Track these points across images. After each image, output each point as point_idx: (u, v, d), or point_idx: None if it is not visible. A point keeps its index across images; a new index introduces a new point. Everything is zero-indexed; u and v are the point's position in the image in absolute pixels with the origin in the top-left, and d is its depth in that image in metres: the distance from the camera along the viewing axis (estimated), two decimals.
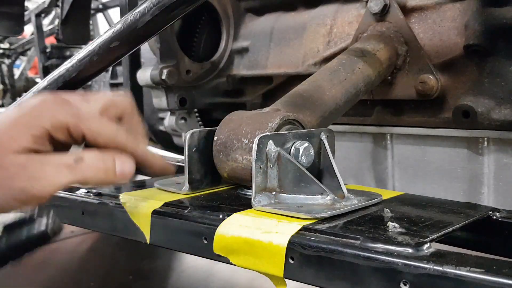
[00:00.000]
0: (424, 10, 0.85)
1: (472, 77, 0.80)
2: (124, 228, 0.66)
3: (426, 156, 0.87)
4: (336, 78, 0.77)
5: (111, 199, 0.68)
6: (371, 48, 0.83)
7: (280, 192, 0.60)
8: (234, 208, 0.60)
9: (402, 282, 0.43)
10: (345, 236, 0.49)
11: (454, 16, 0.82)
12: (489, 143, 0.80)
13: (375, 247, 0.46)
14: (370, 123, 0.93)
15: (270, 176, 0.60)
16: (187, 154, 0.67)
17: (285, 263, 0.50)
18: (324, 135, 0.65)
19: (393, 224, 0.52)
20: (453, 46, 0.81)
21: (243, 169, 0.64)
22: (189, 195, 0.67)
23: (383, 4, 0.85)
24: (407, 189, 0.87)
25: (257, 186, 0.59)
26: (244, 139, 0.64)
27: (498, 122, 0.77)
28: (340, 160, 0.77)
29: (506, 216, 0.60)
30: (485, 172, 0.80)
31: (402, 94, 0.86)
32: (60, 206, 0.76)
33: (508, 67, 0.76)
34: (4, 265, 0.62)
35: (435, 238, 0.49)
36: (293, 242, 0.50)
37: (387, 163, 0.92)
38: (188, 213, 0.60)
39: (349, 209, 0.57)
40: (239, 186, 0.71)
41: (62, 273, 1.61)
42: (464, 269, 0.41)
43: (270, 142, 0.59)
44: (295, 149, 0.62)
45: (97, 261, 1.73)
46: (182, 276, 1.59)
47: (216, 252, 0.56)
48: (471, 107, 0.78)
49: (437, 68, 0.82)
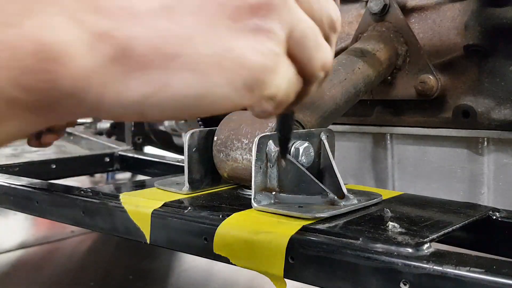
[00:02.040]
0: (424, 10, 0.85)
1: (472, 77, 0.80)
2: (124, 228, 0.66)
3: (426, 156, 0.87)
4: (336, 78, 0.77)
5: (111, 199, 0.68)
6: (371, 48, 0.83)
7: (280, 192, 0.60)
8: (234, 208, 0.60)
9: (402, 282, 0.43)
10: (345, 236, 0.49)
11: (454, 16, 0.82)
12: (489, 143, 0.80)
13: (375, 247, 0.46)
14: (370, 123, 0.93)
15: (270, 176, 0.60)
16: (187, 154, 0.67)
17: (285, 263, 0.50)
18: (324, 135, 0.65)
19: (393, 224, 0.52)
20: (453, 46, 0.81)
21: (243, 169, 0.64)
22: (189, 195, 0.67)
23: (383, 4, 0.85)
24: (407, 189, 0.87)
25: (257, 186, 0.59)
26: (244, 139, 0.64)
27: (498, 122, 0.77)
28: (340, 160, 0.77)
29: (506, 216, 0.60)
30: (485, 172, 0.80)
31: (402, 94, 0.86)
32: (60, 206, 0.76)
33: (508, 67, 0.76)
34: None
35: (435, 238, 0.50)
36: (293, 242, 0.50)
37: (387, 163, 0.92)
38: (188, 213, 0.60)
39: (349, 209, 0.57)
40: (239, 186, 0.71)
41: (62, 273, 1.61)
42: (464, 269, 0.41)
43: (270, 142, 0.59)
44: (295, 149, 0.62)
45: (97, 261, 1.73)
46: (182, 276, 1.59)
47: (216, 252, 0.56)
48: (471, 107, 0.78)
49: (437, 68, 0.82)
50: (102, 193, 0.71)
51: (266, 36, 0.28)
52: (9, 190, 0.85)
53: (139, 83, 0.25)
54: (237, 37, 0.27)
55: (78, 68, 0.23)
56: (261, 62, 0.28)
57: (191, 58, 0.26)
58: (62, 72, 0.23)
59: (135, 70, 0.25)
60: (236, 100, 0.28)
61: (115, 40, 0.24)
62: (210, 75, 0.26)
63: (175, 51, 0.25)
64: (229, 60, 0.27)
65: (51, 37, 0.22)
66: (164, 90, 0.26)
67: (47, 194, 0.78)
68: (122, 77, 0.25)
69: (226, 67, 0.27)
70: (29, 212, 0.82)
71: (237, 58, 0.27)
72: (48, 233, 1.88)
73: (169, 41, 0.25)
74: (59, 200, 0.75)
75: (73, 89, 0.23)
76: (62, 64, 0.23)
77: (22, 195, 0.83)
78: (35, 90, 0.22)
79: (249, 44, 0.27)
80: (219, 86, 0.27)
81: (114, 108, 0.25)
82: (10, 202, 0.86)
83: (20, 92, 0.22)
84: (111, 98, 0.25)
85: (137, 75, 0.25)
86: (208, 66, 0.26)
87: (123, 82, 0.25)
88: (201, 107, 0.27)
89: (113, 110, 0.26)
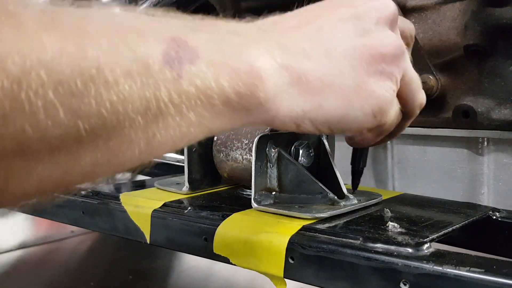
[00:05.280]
0: (424, 10, 0.85)
1: (472, 77, 0.80)
2: (124, 228, 0.66)
3: (426, 156, 0.87)
4: None
5: (111, 199, 0.68)
6: None
7: (280, 192, 0.60)
8: (234, 208, 0.60)
9: (402, 282, 0.43)
10: (345, 236, 0.49)
11: (454, 16, 0.82)
12: (489, 143, 0.80)
13: (375, 247, 0.46)
14: None
15: (270, 176, 0.60)
16: (187, 154, 0.67)
17: (285, 263, 0.50)
18: (324, 135, 0.65)
19: (393, 224, 0.52)
20: (453, 46, 0.81)
21: (243, 169, 0.64)
22: (189, 195, 0.67)
23: None
24: (407, 189, 0.87)
25: (257, 186, 0.59)
26: (244, 139, 0.64)
27: (498, 122, 0.77)
28: (340, 160, 0.77)
29: (506, 216, 0.60)
30: (485, 172, 0.80)
31: None
32: (60, 206, 0.76)
33: (508, 67, 0.76)
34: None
35: (435, 238, 0.49)
36: (293, 242, 0.50)
37: (387, 163, 0.92)
38: (188, 213, 0.60)
39: (349, 209, 0.57)
40: (239, 186, 0.71)
41: (62, 273, 1.61)
42: (464, 269, 0.41)
43: (270, 142, 0.59)
44: (295, 149, 0.62)
45: (97, 261, 1.73)
46: (182, 276, 1.59)
47: (216, 252, 0.56)
48: (471, 107, 0.78)
49: (437, 68, 0.82)
50: (102, 193, 0.71)
51: (388, 77, 0.39)
52: None
53: (304, 102, 0.36)
54: (369, 76, 0.38)
55: (269, 86, 0.33)
56: (384, 95, 0.39)
57: (339, 87, 0.37)
58: (261, 86, 0.33)
59: (303, 93, 0.36)
60: (363, 123, 0.39)
61: (294, 70, 0.35)
62: (350, 101, 0.37)
63: (330, 81, 0.36)
64: (364, 91, 0.38)
65: (258, 63, 0.33)
66: (319, 109, 0.36)
67: None
68: (295, 96, 0.35)
69: (361, 96, 0.38)
70: (29, 212, 0.82)
71: (369, 90, 0.38)
72: (48, 233, 1.88)
73: (327, 74, 0.36)
74: (60, 200, 0.75)
75: (264, 100, 0.33)
76: (261, 81, 0.33)
77: None
78: (243, 95, 0.32)
79: (377, 82, 0.38)
80: (355, 110, 0.38)
81: (284, 118, 0.36)
82: None
83: (234, 96, 0.31)
84: (284, 111, 0.35)
85: (304, 96, 0.36)
86: (349, 94, 0.37)
87: (295, 99, 0.35)
88: (339, 125, 0.38)
89: (282, 120, 0.36)
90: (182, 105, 0.28)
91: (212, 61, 0.30)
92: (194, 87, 0.29)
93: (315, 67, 0.36)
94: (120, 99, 0.25)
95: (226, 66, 0.31)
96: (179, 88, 0.28)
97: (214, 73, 0.30)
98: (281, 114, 0.35)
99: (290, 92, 0.35)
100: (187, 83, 0.28)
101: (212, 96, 0.30)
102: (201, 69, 0.29)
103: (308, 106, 0.36)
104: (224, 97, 0.31)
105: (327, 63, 0.37)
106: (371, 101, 0.38)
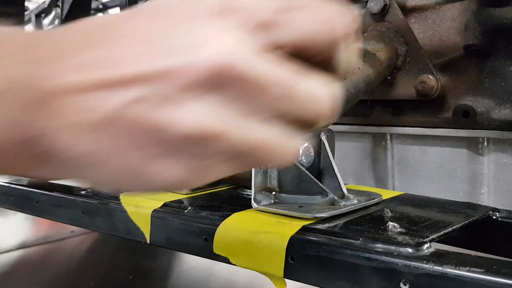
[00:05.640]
0: (424, 10, 0.85)
1: (472, 77, 0.80)
2: (124, 228, 0.66)
3: (426, 156, 0.87)
4: None
5: (111, 199, 0.68)
6: (371, 48, 0.83)
7: (280, 192, 0.60)
8: (234, 208, 0.60)
9: (402, 282, 0.43)
10: (345, 236, 0.49)
11: (454, 16, 0.82)
12: (489, 143, 0.80)
13: (375, 247, 0.46)
14: (370, 123, 0.93)
15: (270, 176, 0.60)
16: None
17: (285, 263, 0.50)
18: (324, 135, 0.65)
19: (393, 224, 0.52)
20: (453, 46, 0.81)
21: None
22: (189, 195, 0.67)
23: (383, 4, 0.85)
24: (407, 189, 0.87)
25: (257, 186, 0.59)
26: None
27: (498, 122, 0.77)
28: (340, 160, 0.77)
29: (506, 216, 0.60)
30: (485, 172, 0.80)
31: (402, 94, 0.86)
32: (60, 206, 0.76)
33: (508, 67, 0.76)
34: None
35: (435, 238, 0.50)
36: (293, 242, 0.50)
37: (387, 163, 0.92)
38: (188, 213, 0.60)
39: (349, 209, 0.57)
40: (239, 186, 0.71)
41: (62, 273, 1.61)
42: (464, 269, 0.41)
43: None
44: None
45: (97, 261, 1.73)
46: (182, 276, 1.59)
47: (216, 252, 0.56)
48: (471, 107, 0.78)
49: (437, 68, 0.82)
50: (102, 193, 0.71)
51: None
52: (9, 190, 0.85)
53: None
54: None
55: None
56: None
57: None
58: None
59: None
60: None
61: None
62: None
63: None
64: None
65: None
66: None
67: (47, 194, 0.78)
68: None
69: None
70: (29, 212, 0.82)
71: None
72: (48, 233, 1.88)
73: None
74: (59, 200, 0.75)
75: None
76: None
77: (22, 195, 0.83)
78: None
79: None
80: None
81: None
82: (10, 202, 0.86)
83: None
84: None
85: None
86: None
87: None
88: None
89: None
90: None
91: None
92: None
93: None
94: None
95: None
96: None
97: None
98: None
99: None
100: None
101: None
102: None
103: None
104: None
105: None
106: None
